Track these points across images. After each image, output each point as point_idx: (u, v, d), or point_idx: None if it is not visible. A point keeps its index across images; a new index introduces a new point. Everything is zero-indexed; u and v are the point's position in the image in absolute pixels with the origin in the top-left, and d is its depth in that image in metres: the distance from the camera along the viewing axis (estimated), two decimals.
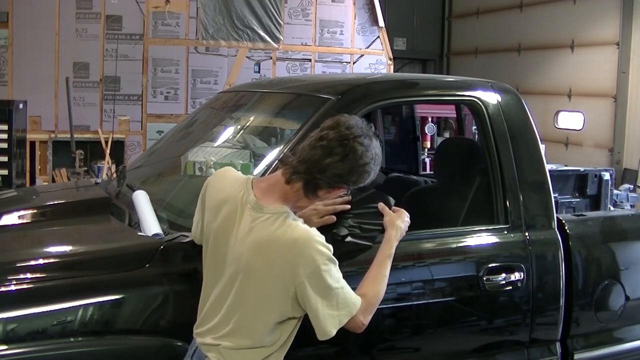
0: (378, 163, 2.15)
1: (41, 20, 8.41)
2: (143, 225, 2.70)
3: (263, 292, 2.07)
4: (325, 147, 2.07)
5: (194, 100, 9.13)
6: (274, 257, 2.03)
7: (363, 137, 2.09)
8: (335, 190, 2.13)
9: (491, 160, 2.98)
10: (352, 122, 2.12)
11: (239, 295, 2.10)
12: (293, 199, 2.14)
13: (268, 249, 2.04)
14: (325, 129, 2.12)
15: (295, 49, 9.62)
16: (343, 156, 2.06)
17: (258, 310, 2.08)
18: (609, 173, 4.86)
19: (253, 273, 2.07)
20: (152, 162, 3.71)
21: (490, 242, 2.92)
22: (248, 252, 2.07)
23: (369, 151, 2.10)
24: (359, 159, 2.08)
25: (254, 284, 2.07)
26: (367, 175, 2.13)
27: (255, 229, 2.07)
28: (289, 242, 2.02)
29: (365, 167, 2.10)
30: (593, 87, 9.78)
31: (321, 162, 2.06)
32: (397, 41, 13.03)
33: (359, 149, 2.07)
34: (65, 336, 2.23)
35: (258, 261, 2.06)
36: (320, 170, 2.06)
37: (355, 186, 2.15)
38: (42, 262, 2.46)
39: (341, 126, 2.10)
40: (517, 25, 11.41)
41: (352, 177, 2.09)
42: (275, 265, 2.03)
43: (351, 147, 2.06)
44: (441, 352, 2.86)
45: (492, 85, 3.13)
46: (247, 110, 3.55)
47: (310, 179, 2.08)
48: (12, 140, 7.51)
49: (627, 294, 3.20)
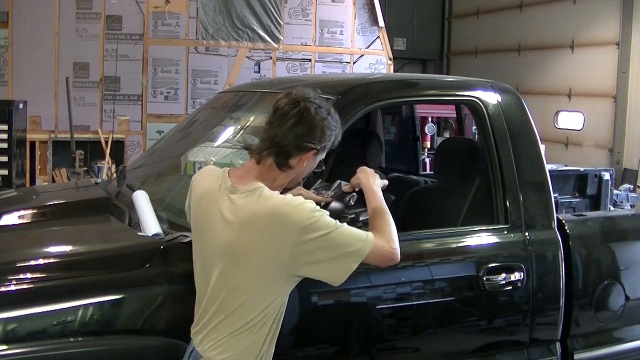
0: (336, 119, 2.20)
1: (41, 20, 8.41)
2: (143, 225, 2.70)
3: (255, 272, 2.07)
4: (280, 116, 2.13)
5: (194, 100, 9.13)
6: (260, 232, 2.04)
7: (312, 98, 2.16)
8: (306, 153, 2.15)
9: (491, 160, 2.97)
10: (301, 90, 2.19)
11: (231, 281, 2.10)
12: (269, 177, 2.16)
13: (251, 226, 2.06)
14: (277, 101, 2.18)
15: (295, 49, 9.62)
16: (298, 117, 2.11)
17: (250, 292, 2.08)
18: (609, 173, 4.86)
19: (242, 255, 2.08)
20: (152, 162, 3.71)
21: (490, 242, 2.92)
22: (232, 235, 2.08)
23: (322, 107, 2.16)
24: (315, 115, 2.13)
25: (244, 265, 2.08)
26: (329, 130, 2.16)
27: (235, 211, 2.10)
28: (268, 212, 2.04)
29: (324, 122, 2.15)
30: (593, 87, 9.78)
31: (281, 130, 2.12)
32: (397, 41, 13.04)
33: (310, 107, 2.13)
34: (65, 336, 2.23)
35: (245, 241, 2.07)
36: (283, 138, 2.11)
37: (322, 145, 2.17)
38: (42, 262, 2.46)
39: (290, 95, 2.17)
40: (517, 25, 11.41)
41: (315, 134, 2.13)
42: (262, 240, 2.04)
43: (303, 107, 2.12)
44: (441, 352, 2.86)
45: (492, 85, 3.13)
46: (247, 110, 3.54)
47: (277, 150, 2.12)
48: (12, 140, 7.52)
49: (627, 294, 3.20)
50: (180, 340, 2.30)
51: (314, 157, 2.19)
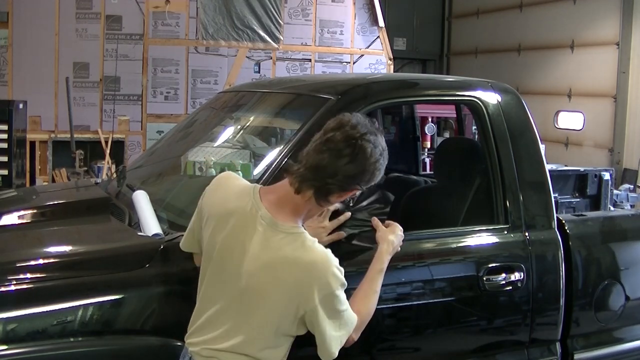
0: (386, 157, 2.10)
1: (41, 20, 8.41)
2: (143, 225, 2.70)
3: (271, 311, 2.03)
4: (333, 149, 2.00)
5: (194, 100, 9.13)
6: (289, 278, 1.99)
7: (369, 134, 2.03)
8: (348, 193, 2.08)
9: (491, 160, 2.97)
10: (356, 120, 2.06)
11: (245, 313, 2.05)
12: (305, 209, 2.08)
13: (283, 269, 1.99)
14: (330, 131, 2.04)
15: (295, 49, 9.62)
16: (353, 157, 1.99)
17: (263, 328, 2.05)
18: (609, 173, 4.86)
19: (264, 291, 2.02)
20: (152, 162, 3.71)
21: (490, 242, 2.92)
22: (261, 271, 2.02)
23: (377, 147, 2.03)
24: (370, 157, 2.01)
25: (263, 302, 2.03)
26: (379, 172, 2.08)
27: (269, 247, 2.01)
28: (306, 264, 1.98)
29: (377, 165, 2.05)
30: (593, 87, 9.78)
31: (331, 166, 1.99)
32: (397, 41, 13.04)
33: (367, 147, 2.01)
34: (65, 336, 2.23)
35: (271, 280, 2.01)
36: (330, 174, 1.99)
37: (368, 185, 2.10)
38: (42, 262, 2.46)
39: (345, 126, 2.03)
40: (517, 25, 11.41)
41: (364, 177, 2.04)
42: (289, 286, 1.99)
43: (360, 146, 2.00)
44: (441, 352, 2.86)
45: (492, 85, 3.13)
46: (247, 110, 3.54)
47: (321, 185, 2.01)
48: (12, 140, 7.51)
49: (627, 294, 3.20)
50: (180, 341, 2.30)
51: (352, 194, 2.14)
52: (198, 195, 2.33)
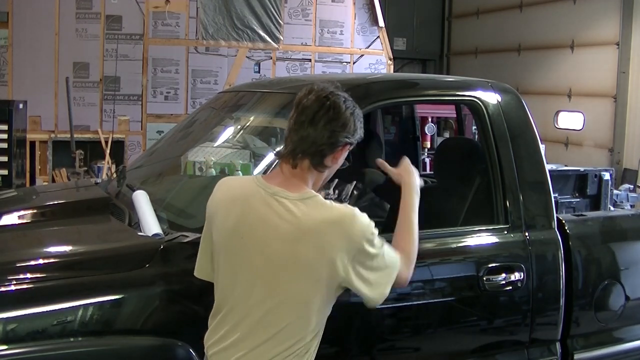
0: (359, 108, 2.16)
1: (41, 20, 8.41)
2: (143, 225, 2.70)
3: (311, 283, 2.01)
4: (309, 116, 2.06)
5: (194, 100, 9.13)
6: (325, 239, 1.99)
7: (335, 90, 2.11)
8: (340, 150, 2.11)
9: (491, 160, 2.97)
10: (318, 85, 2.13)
11: (279, 296, 2.01)
12: (309, 178, 2.10)
13: (316, 233, 1.99)
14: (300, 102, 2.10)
15: (295, 49, 9.62)
16: (329, 115, 2.06)
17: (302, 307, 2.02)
18: (609, 173, 4.86)
19: (298, 264, 2.00)
20: (152, 162, 3.71)
21: (490, 242, 2.92)
22: (289, 245, 2.00)
23: (347, 101, 2.11)
24: (345, 109, 2.08)
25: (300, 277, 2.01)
26: (359, 122, 2.13)
27: (292, 219, 2.01)
28: (334, 221, 2.00)
29: (354, 115, 2.11)
30: (593, 87, 9.78)
31: (314, 131, 2.05)
32: (397, 41, 13.03)
33: (339, 101, 2.08)
34: (65, 336, 2.23)
35: (304, 251, 1.99)
36: (316, 139, 2.05)
37: (356, 136, 2.13)
38: (42, 262, 2.46)
39: (311, 92, 2.10)
40: (517, 25, 11.41)
41: (347, 129, 2.09)
42: (326, 247, 1.99)
43: (332, 102, 2.07)
44: (441, 352, 2.86)
45: (492, 85, 3.13)
46: (247, 110, 3.54)
47: (313, 151, 2.06)
48: (12, 140, 7.51)
49: (627, 294, 3.20)
50: (181, 340, 2.30)
51: (347, 150, 2.15)
52: (198, 195, 2.33)
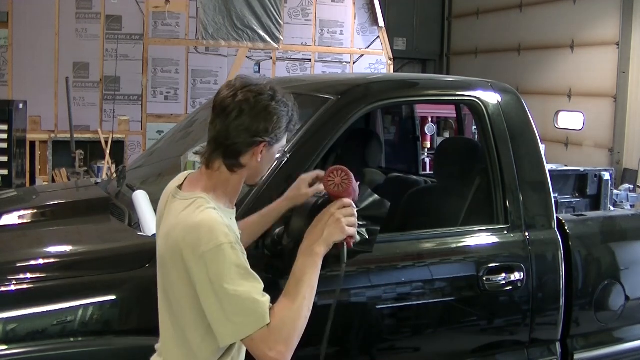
0: (283, 102, 1.93)
1: (41, 20, 8.41)
2: (143, 225, 2.70)
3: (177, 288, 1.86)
4: (220, 112, 1.90)
5: (194, 100, 9.13)
6: (174, 242, 1.83)
7: (251, 85, 1.91)
8: (256, 147, 1.90)
9: (491, 160, 2.97)
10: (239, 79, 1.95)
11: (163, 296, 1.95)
12: (218, 182, 1.94)
13: (171, 234, 1.86)
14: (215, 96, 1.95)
15: (295, 49, 9.62)
16: (239, 110, 1.87)
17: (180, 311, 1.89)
18: (609, 173, 4.86)
19: (165, 266, 1.89)
20: (152, 162, 3.71)
21: (490, 242, 2.92)
22: (160, 243, 1.93)
23: (263, 94, 1.89)
24: (255, 104, 1.88)
25: (169, 279, 1.89)
26: (276, 117, 1.90)
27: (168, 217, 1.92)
28: (189, 225, 1.81)
29: (268, 110, 1.88)
30: (593, 87, 9.78)
31: (223, 128, 1.89)
32: (397, 41, 13.04)
33: (249, 96, 1.88)
34: (65, 336, 2.23)
35: (165, 250, 1.88)
36: (226, 136, 1.88)
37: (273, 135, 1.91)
38: (42, 262, 2.46)
39: (228, 86, 1.93)
40: (517, 25, 11.41)
41: (259, 125, 1.88)
42: (176, 252, 1.82)
43: (241, 98, 1.88)
44: (441, 352, 2.86)
45: (492, 85, 3.13)
46: None
47: (224, 150, 1.90)
48: (12, 140, 7.52)
49: (627, 294, 3.20)
50: None
51: (269, 149, 1.94)
52: None
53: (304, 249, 1.94)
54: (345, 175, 2.01)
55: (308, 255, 1.92)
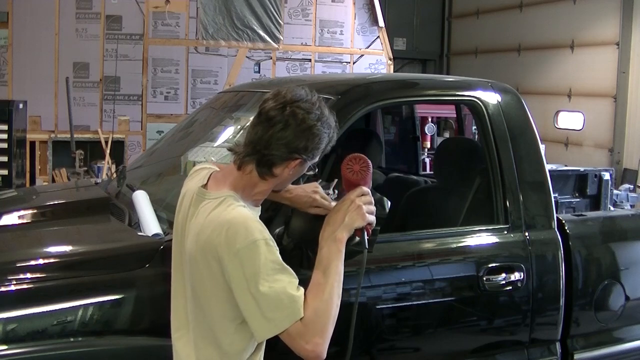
0: (328, 124, 1.97)
1: (41, 20, 8.41)
2: (143, 225, 2.70)
3: (207, 286, 1.90)
4: (265, 120, 1.93)
5: (194, 100, 9.13)
6: (206, 241, 1.87)
7: (302, 101, 1.94)
8: (291, 162, 1.94)
9: (491, 160, 2.97)
10: (289, 91, 1.98)
11: (192, 294, 1.98)
12: (247, 184, 1.98)
13: (202, 233, 1.89)
14: (263, 103, 1.98)
15: (295, 49, 9.62)
16: (284, 123, 1.90)
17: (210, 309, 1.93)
18: (609, 173, 4.86)
19: (196, 265, 1.92)
20: (152, 162, 3.71)
21: (490, 242, 2.92)
22: (190, 242, 1.95)
23: (311, 114, 1.92)
24: (302, 122, 1.91)
25: (199, 277, 1.92)
26: (318, 138, 1.93)
27: (197, 216, 1.94)
28: (221, 223, 1.85)
29: (312, 130, 1.91)
30: (593, 87, 9.78)
31: (264, 136, 1.91)
32: (397, 41, 13.04)
33: (298, 112, 1.91)
34: (65, 336, 2.23)
35: (197, 250, 1.91)
36: (265, 145, 1.91)
37: (310, 154, 1.95)
38: (42, 262, 2.46)
39: (278, 96, 1.96)
40: (517, 25, 11.41)
41: (299, 143, 1.91)
42: (208, 250, 1.86)
43: (290, 112, 1.91)
44: (441, 352, 2.86)
45: (492, 85, 3.13)
46: (247, 110, 3.54)
47: (260, 157, 1.93)
48: (12, 140, 7.51)
49: (627, 294, 3.20)
50: None
51: (302, 164, 1.99)
52: None
53: (327, 235, 1.98)
54: (364, 163, 2.06)
55: (332, 241, 1.96)
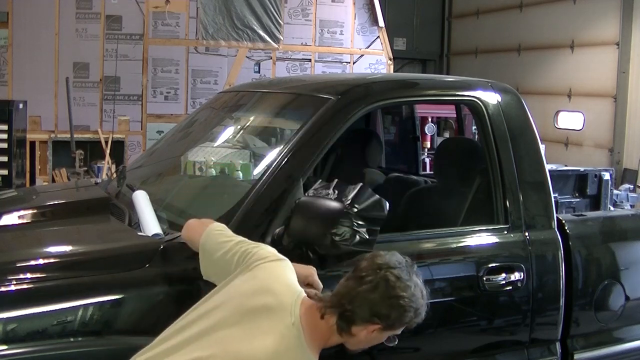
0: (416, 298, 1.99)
1: (41, 20, 8.41)
2: (143, 225, 2.70)
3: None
4: (358, 277, 1.98)
5: (194, 100, 9.13)
6: None
7: (399, 269, 1.99)
8: (370, 326, 1.97)
9: (491, 160, 2.97)
10: (389, 256, 2.03)
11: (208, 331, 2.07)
12: (328, 337, 2.02)
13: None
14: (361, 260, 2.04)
15: (295, 49, 9.62)
16: (374, 285, 1.95)
17: None
18: (609, 173, 4.86)
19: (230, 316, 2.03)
20: (152, 162, 3.71)
21: (490, 242, 2.92)
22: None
23: (403, 283, 1.96)
24: (391, 288, 1.95)
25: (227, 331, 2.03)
26: (403, 310, 1.96)
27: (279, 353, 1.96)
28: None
29: (399, 300, 1.95)
30: (593, 87, 9.78)
31: (352, 291, 1.96)
32: (397, 41, 13.04)
33: (390, 278, 1.95)
34: (65, 336, 2.23)
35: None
36: (350, 300, 1.95)
37: (391, 324, 1.99)
38: (42, 262, 2.45)
39: (376, 257, 2.02)
40: (517, 25, 11.41)
41: (382, 309, 1.95)
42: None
43: (382, 275, 1.96)
44: (441, 352, 2.86)
45: (492, 85, 3.13)
46: (247, 110, 3.55)
47: (342, 311, 1.97)
48: (12, 140, 7.51)
49: (627, 294, 3.20)
50: None
51: (381, 332, 2.01)
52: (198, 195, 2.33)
53: None
54: None
55: None
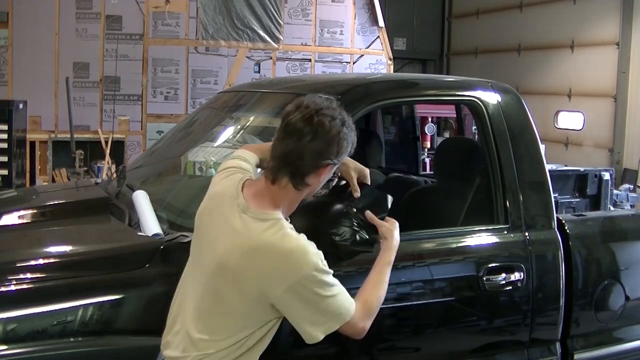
0: (350, 127, 2.11)
1: (41, 20, 8.41)
2: (143, 225, 2.70)
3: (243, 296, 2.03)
4: (293, 133, 2.03)
5: (194, 100, 9.13)
6: (265, 264, 1.99)
7: (325, 109, 2.06)
8: (322, 170, 2.08)
9: (491, 160, 2.98)
10: (310, 99, 2.10)
11: (216, 295, 2.07)
12: (284, 198, 2.09)
13: (260, 255, 2.00)
14: (287, 116, 2.08)
15: (295, 49, 9.62)
16: (314, 133, 2.02)
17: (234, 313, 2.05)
18: (609, 173, 4.86)
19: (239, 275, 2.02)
20: (152, 162, 3.71)
21: (490, 242, 2.92)
22: (236, 255, 2.02)
23: (335, 119, 2.06)
24: (330, 129, 2.04)
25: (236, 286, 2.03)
26: (345, 142, 2.09)
27: (246, 233, 2.03)
28: (284, 251, 1.98)
29: (340, 135, 2.06)
30: (593, 87, 9.78)
31: (296, 148, 2.02)
32: (397, 41, 13.04)
33: (325, 121, 2.04)
34: (65, 336, 2.23)
35: (247, 265, 2.01)
36: (298, 156, 2.02)
37: (341, 158, 2.12)
38: (42, 262, 2.46)
39: (300, 107, 2.07)
40: (517, 25, 11.41)
41: (331, 150, 2.06)
42: (264, 272, 1.99)
43: (317, 122, 2.03)
44: (441, 352, 2.86)
45: (492, 85, 3.13)
46: (247, 110, 3.55)
47: (293, 169, 2.04)
48: (12, 140, 7.51)
49: (627, 294, 3.20)
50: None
51: (330, 170, 2.13)
52: (198, 195, 2.33)
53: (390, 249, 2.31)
54: None
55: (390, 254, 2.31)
